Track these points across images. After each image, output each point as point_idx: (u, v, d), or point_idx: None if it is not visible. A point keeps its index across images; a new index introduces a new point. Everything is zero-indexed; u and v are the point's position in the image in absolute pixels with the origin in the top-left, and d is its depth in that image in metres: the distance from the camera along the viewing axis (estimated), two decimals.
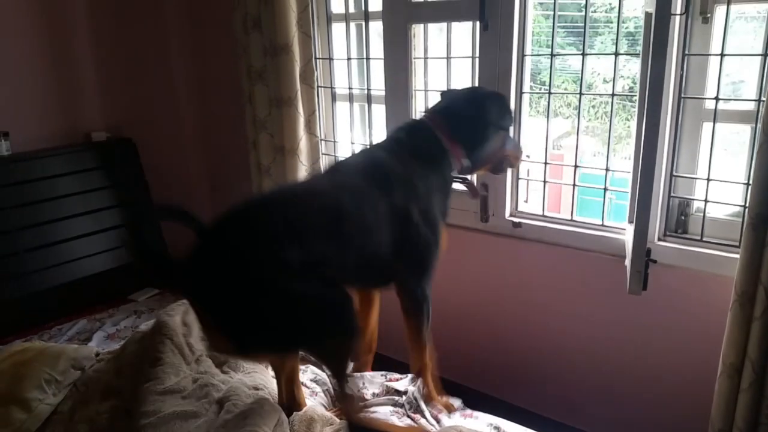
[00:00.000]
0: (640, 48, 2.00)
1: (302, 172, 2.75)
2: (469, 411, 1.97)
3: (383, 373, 2.13)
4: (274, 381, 1.98)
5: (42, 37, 2.82)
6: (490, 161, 2.01)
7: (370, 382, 2.08)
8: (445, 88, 2.34)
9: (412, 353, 1.91)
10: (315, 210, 1.61)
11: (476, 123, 1.90)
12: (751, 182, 1.72)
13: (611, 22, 5.02)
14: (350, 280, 1.68)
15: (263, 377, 2.06)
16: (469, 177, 2.01)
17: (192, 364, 2.04)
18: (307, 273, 1.50)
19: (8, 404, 1.89)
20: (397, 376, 2.09)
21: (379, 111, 2.73)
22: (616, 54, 2.15)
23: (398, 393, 2.00)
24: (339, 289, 1.58)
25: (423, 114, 1.96)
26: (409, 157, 1.78)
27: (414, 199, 1.73)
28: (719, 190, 2.01)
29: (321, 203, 1.62)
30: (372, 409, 1.94)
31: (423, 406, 1.92)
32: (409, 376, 2.03)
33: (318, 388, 2.08)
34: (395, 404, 1.96)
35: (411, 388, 1.98)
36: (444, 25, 2.51)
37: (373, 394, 2.03)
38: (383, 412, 1.91)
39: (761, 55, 1.86)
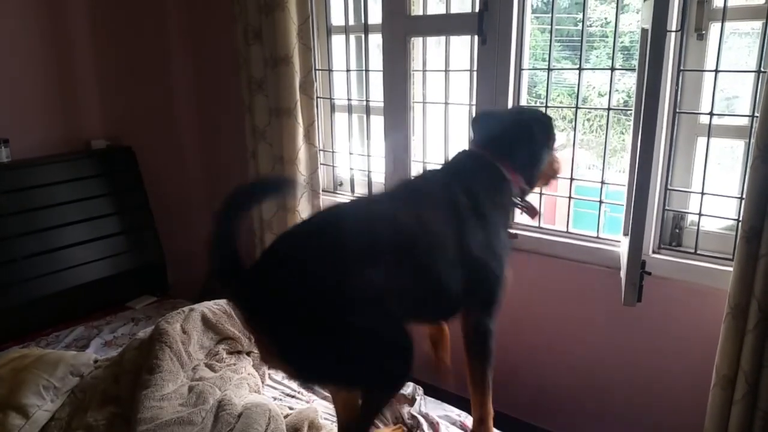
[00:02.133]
0: (634, 62, 2.03)
1: (301, 183, 2.76)
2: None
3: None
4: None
5: (43, 45, 2.83)
6: (543, 179, 1.99)
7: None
8: (478, 110, 2.31)
9: (474, 398, 1.76)
10: (386, 238, 1.52)
11: (531, 149, 1.86)
12: (744, 196, 1.75)
13: (606, 37, 5.08)
14: (413, 314, 1.60)
15: (256, 380, 2.10)
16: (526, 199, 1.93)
17: (189, 371, 2.06)
18: (374, 305, 1.43)
19: (6, 410, 1.89)
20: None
21: (378, 122, 2.75)
22: (612, 69, 2.18)
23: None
24: (403, 330, 1.49)
25: (474, 145, 1.89)
26: (475, 190, 1.71)
27: (483, 232, 1.67)
28: (713, 203, 2.04)
29: (392, 230, 1.54)
30: None
31: None
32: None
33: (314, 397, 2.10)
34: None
35: None
36: (442, 38, 2.54)
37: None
38: None
39: (755, 71, 1.89)
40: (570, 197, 2.36)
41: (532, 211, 1.90)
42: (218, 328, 2.27)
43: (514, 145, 1.82)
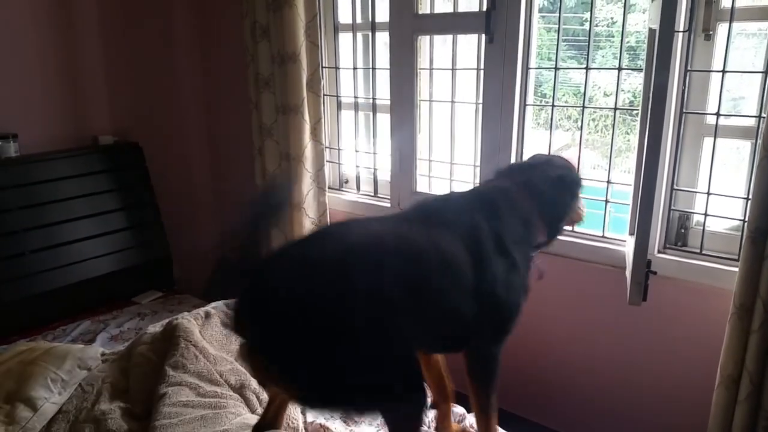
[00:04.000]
0: (640, 62, 2.03)
1: (307, 180, 2.78)
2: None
3: None
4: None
5: (51, 41, 2.85)
6: (563, 232, 1.90)
7: None
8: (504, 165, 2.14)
9: (479, 423, 1.71)
10: (409, 265, 1.45)
11: (561, 205, 1.81)
12: (750, 197, 1.76)
13: (612, 36, 5.07)
14: (424, 345, 1.58)
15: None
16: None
17: (214, 373, 2.02)
18: (389, 335, 1.38)
19: (14, 402, 1.90)
20: None
21: (384, 120, 2.76)
22: (619, 69, 2.18)
23: None
24: (415, 361, 1.45)
25: (508, 182, 1.79)
26: (503, 226, 1.63)
27: (503, 269, 1.60)
28: (719, 204, 2.05)
29: (411, 257, 1.47)
30: None
31: None
32: None
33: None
34: None
35: None
36: (449, 36, 2.55)
37: None
38: None
39: (762, 72, 1.89)
40: None
41: (539, 273, 1.80)
42: None
43: (545, 198, 1.75)
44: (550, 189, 1.76)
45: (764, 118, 1.71)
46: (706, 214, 2.04)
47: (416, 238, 1.50)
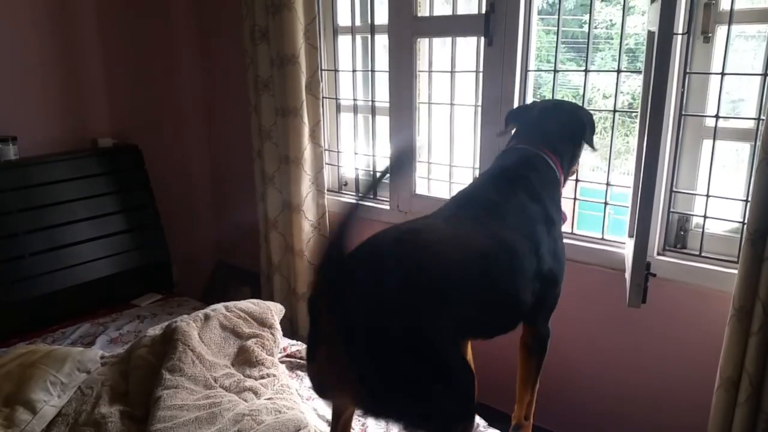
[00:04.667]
0: (639, 64, 2.03)
1: (306, 182, 2.78)
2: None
3: None
4: (299, 404, 1.94)
5: (50, 43, 2.85)
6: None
7: None
8: (512, 108, 2.21)
9: (522, 393, 1.80)
10: (474, 264, 1.47)
11: (577, 147, 1.88)
12: (749, 199, 1.76)
13: (611, 39, 5.07)
14: (481, 334, 1.59)
15: (286, 402, 1.96)
16: None
17: (210, 380, 2.02)
18: (456, 336, 1.38)
19: (14, 405, 1.90)
20: None
21: (383, 122, 2.76)
22: (619, 71, 2.19)
23: None
24: (468, 366, 1.44)
25: (522, 141, 1.84)
26: (539, 193, 1.69)
27: (550, 239, 1.67)
28: (718, 206, 2.05)
29: (479, 255, 1.49)
30: None
31: None
32: None
33: None
34: None
35: None
36: (449, 39, 2.55)
37: None
38: None
39: (761, 74, 1.90)
40: (575, 198, 2.37)
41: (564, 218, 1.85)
42: (237, 332, 2.25)
43: (564, 142, 1.81)
44: (570, 138, 1.83)
45: (763, 120, 1.72)
46: (705, 216, 2.05)
47: (483, 237, 1.53)
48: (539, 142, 1.81)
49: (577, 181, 2.33)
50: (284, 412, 1.86)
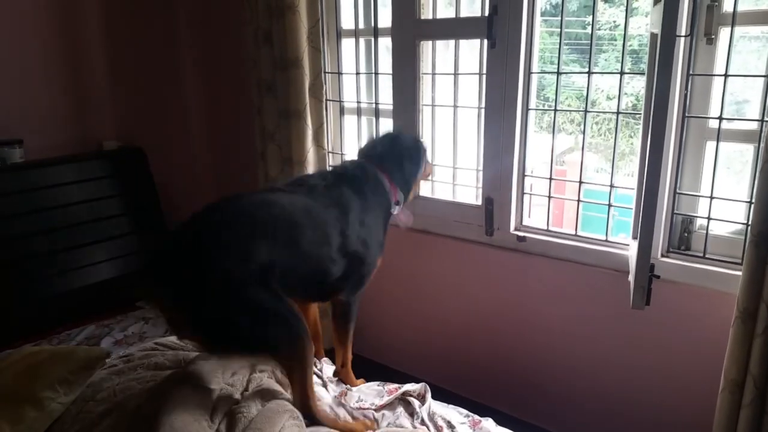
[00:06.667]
0: (643, 65, 2.03)
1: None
2: (477, 418, 1.95)
3: (379, 383, 2.12)
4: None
5: (56, 47, 2.87)
6: (418, 184, 2.37)
7: (367, 394, 2.05)
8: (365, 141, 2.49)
9: (338, 350, 2.16)
10: (280, 222, 1.78)
11: (408, 168, 2.21)
12: (753, 200, 1.75)
13: (615, 40, 5.08)
14: (296, 293, 1.82)
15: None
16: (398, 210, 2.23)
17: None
18: (266, 283, 1.66)
19: (21, 402, 1.90)
20: (396, 385, 2.06)
21: (387, 125, 2.77)
22: (622, 73, 2.19)
23: (407, 402, 2.00)
24: (290, 305, 1.72)
25: (363, 159, 2.19)
26: (363, 194, 2.03)
27: (363, 229, 1.98)
28: (722, 207, 2.04)
29: (290, 221, 1.80)
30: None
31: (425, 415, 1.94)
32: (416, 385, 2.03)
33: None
34: (411, 414, 1.94)
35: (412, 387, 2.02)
36: (452, 41, 2.56)
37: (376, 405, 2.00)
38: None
39: (765, 76, 1.89)
40: (579, 200, 2.37)
41: (405, 218, 2.25)
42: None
43: (395, 165, 2.18)
44: (398, 159, 2.19)
45: (767, 121, 1.71)
46: (709, 218, 2.04)
47: (294, 204, 1.85)
48: (374, 161, 2.16)
49: (580, 183, 2.34)
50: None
